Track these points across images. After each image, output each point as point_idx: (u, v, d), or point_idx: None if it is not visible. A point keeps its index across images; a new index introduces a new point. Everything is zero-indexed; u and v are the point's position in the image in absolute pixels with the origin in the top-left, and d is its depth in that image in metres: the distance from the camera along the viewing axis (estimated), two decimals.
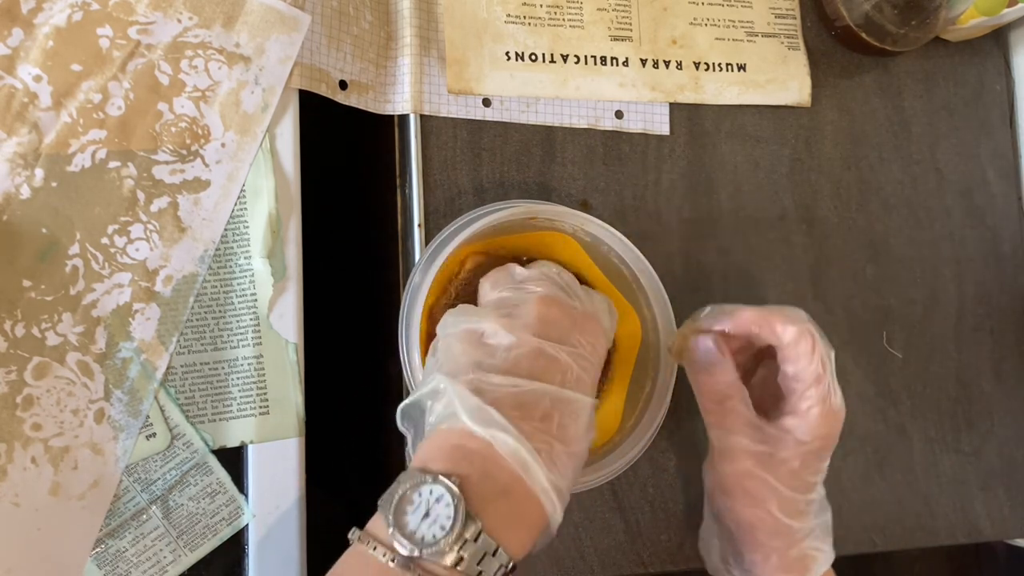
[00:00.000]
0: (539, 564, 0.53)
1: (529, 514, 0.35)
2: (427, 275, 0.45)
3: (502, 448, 0.35)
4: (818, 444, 0.43)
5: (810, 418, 0.43)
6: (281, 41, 0.48)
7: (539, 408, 0.37)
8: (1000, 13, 0.60)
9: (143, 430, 0.45)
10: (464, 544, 0.33)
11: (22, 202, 0.43)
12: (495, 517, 0.34)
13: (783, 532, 0.44)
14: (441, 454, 0.35)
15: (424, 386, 0.38)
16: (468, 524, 0.33)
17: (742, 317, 0.44)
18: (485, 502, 0.34)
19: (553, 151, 0.55)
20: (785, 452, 0.43)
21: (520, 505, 0.35)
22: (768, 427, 0.44)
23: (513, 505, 0.35)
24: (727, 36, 0.59)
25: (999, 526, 0.62)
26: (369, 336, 0.61)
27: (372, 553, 0.33)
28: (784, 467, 0.43)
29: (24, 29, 0.44)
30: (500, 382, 0.37)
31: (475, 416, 0.35)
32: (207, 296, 0.46)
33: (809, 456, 0.44)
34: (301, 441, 0.48)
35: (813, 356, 0.43)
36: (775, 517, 0.43)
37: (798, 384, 0.44)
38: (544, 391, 0.37)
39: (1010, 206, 0.66)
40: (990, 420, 0.63)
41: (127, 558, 0.44)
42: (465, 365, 0.38)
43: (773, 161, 0.60)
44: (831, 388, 0.43)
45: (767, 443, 0.43)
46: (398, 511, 0.34)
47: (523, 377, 0.37)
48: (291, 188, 0.48)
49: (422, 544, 0.33)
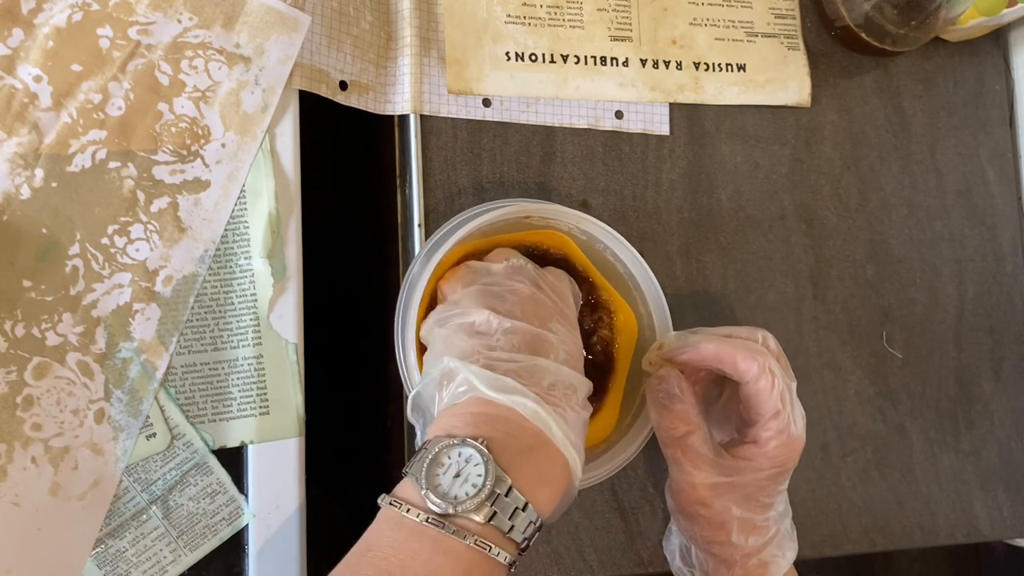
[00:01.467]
0: (539, 564, 0.53)
1: (553, 470, 0.37)
2: (426, 267, 0.45)
3: (523, 410, 0.37)
4: (776, 471, 0.45)
5: (768, 448, 0.45)
6: (281, 41, 0.48)
7: (545, 379, 0.39)
8: (1000, 13, 0.60)
9: (143, 430, 0.45)
10: (496, 499, 0.34)
11: (22, 202, 0.43)
12: (522, 474, 0.35)
13: (741, 548, 0.45)
14: (463, 421, 0.37)
15: (434, 370, 0.40)
16: (498, 481, 0.35)
17: (704, 351, 0.46)
18: (512, 460, 0.35)
19: (553, 151, 0.55)
20: (743, 478, 0.45)
21: (545, 462, 0.37)
22: (727, 460, 0.45)
23: (539, 462, 0.37)
24: (727, 36, 0.59)
25: (999, 526, 0.62)
26: (369, 336, 0.61)
27: (406, 515, 0.35)
28: (742, 492, 0.45)
29: (24, 29, 0.44)
30: (506, 358, 0.38)
31: (494, 385, 0.37)
32: (207, 296, 0.46)
33: (767, 481, 0.45)
34: (301, 441, 0.48)
35: (772, 392, 0.44)
36: (733, 540, 0.45)
37: (758, 416, 0.45)
38: (545, 365, 0.39)
39: (1010, 206, 0.66)
40: (990, 420, 0.63)
41: (127, 558, 0.44)
42: (470, 349, 0.39)
43: (773, 161, 0.60)
44: (790, 419, 0.45)
45: (725, 474, 0.45)
46: (429, 473, 0.35)
47: (525, 354, 0.39)
48: (291, 188, 0.48)
49: (455, 502, 0.34)
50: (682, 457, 0.45)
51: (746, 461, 0.45)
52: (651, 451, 0.55)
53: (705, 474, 0.45)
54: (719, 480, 0.45)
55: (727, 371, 0.46)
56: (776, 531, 0.47)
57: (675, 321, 0.50)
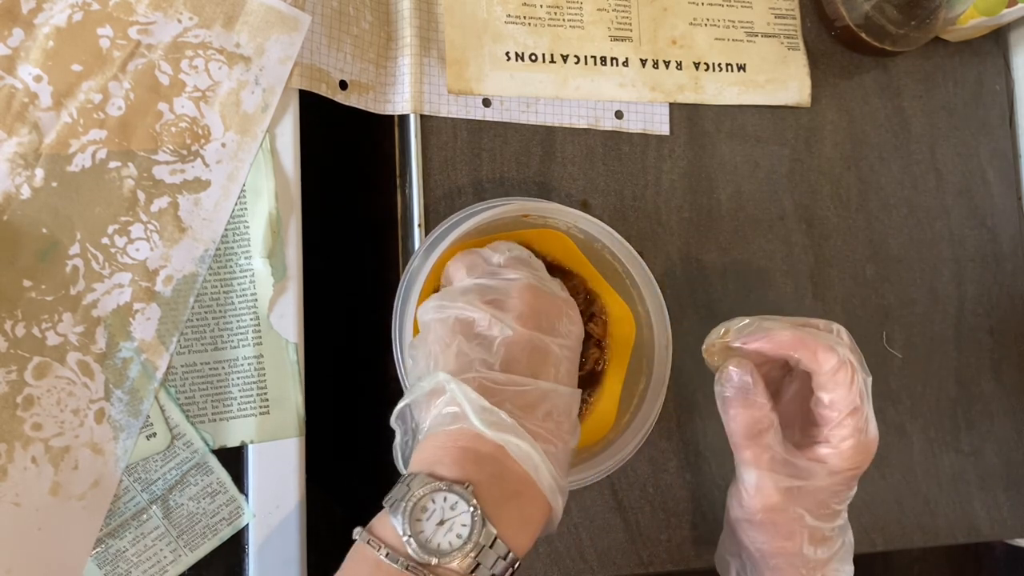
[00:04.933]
0: (539, 564, 0.53)
1: (537, 514, 0.36)
2: (424, 265, 0.45)
3: (515, 452, 0.35)
4: (850, 474, 0.42)
5: (843, 449, 0.41)
6: (281, 41, 0.48)
7: (541, 407, 0.37)
8: (1000, 13, 0.60)
9: (143, 430, 0.45)
10: (481, 551, 0.33)
11: (22, 202, 0.43)
12: (507, 521, 0.34)
13: (808, 562, 0.43)
14: (450, 457, 0.35)
15: (425, 382, 0.38)
16: (485, 533, 0.33)
17: (781, 339, 0.42)
18: (498, 507, 0.34)
19: (553, 151, 0.55)
20: (815, 483, 0.42)
21: (529, 506, 0.35)
22: (799, 460, 0.42)
23: (523, 507, 0.35)
24: (727, 36, 0.59)
25: (999, 526, 0.62)
26: (369, 336, 0.61)
27: (383, 559, 0.33)
28: (813, 498, 0.42)
29: (24, 29, 0.44)
30: (503, 380, 0.36)
31: (485, 419, 0.35)
32: (207, 296, 0.46)
33: (839, 485, 0.42)
34: (301, 441, 0.48)
35: (852, 387, 0.41)
36: (801, 549, 0.42)
37: (833, 413, 0.42)
38: (543, 389, 0.37)
39: (1010, 206, 0.66)
40: (990, 420, 0.63)
41: (127, 558, 0.44)
42: (465, 362, 0.37)
43: (773, 161, 0.60)
44: (867, 418, 0.42)
45: (798, 476, 0.42)
46: (413, 517, 0.34)
47: (522, 374, 0.37)
48: (291, 188, 0.48)
49: (439, 553, 0.33)
50: (757, 458, 0.42)
51: (820, 464, 0.42)
52: (651, 450, 0.55)
53: (779, 477, 0.42)
54: (792, 484, 0.42)
55: (804, 362, 0.42)
56: (841, 544, 0.44)
57: (674, 321, 0.50)
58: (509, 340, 0.38)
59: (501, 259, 0.43)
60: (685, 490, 0.56)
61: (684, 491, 0.56)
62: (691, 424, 0.56)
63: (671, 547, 0.55)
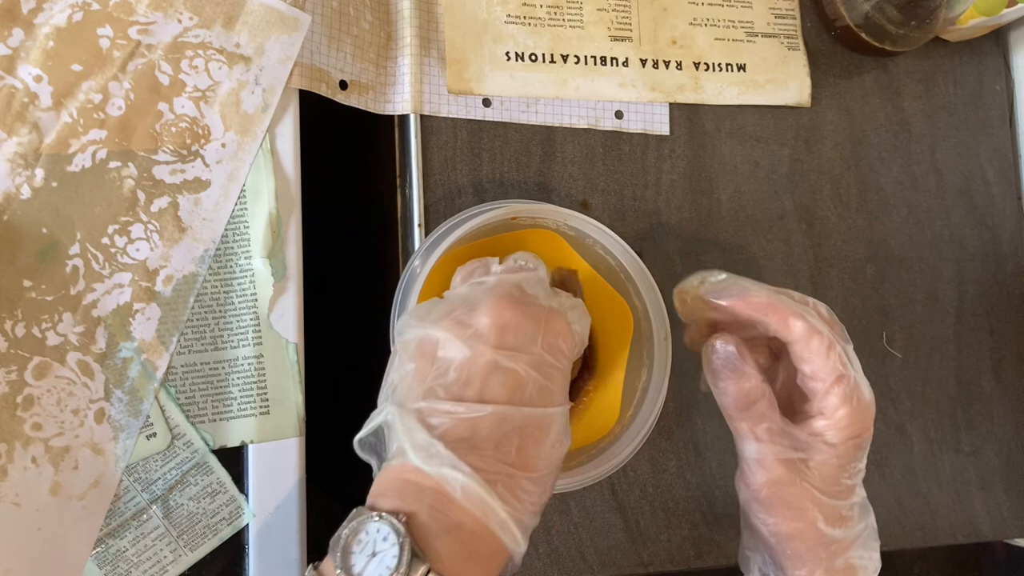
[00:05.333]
0: (539, 564, 0.53)
1: (485, 549, 0.34)
2: (424, 266, 0.45)
3: (451, 485, 0.33)
4: (851, 444, 0.41)
5: (838, 418, 0.40)
6: (281, 41, 0.48)
7: (494, 435, 0.35)
8: (1000, 13, 0.61)
9: (143, 430, 0.45)
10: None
11: (22, 202, 0.43)
12: (447, 555, 0.33)
13: (826, 543, 0.41)
14: (391, 489, 0.34)
15: (376, 416, 0.37)
16: (415, 563, 0.32)
17: (755, 301, 0.41)
18: (435, 539, 0.33)
19: (553, 151, 0.55)
20: (819, 456, 0.40)
21: (474, 541, 0.34)
22: (798, 431, 0.41)
23: (466, 541, 0.33)
24: (727, 36, 0.59)
25: (999, 526, 0.62)
26: (369, 336, 0.61)
27: None
28: (819, 472, 0.40)
29: (24, 29, 0.44)
30: (450, 409, 0.35)
31: (422, 453, 0.34)
32: (207, 296, 0.46)
33: (844, 458, 0.41)
34: (301, 441, 0.48)
35: (829, 354, 0.40)
36: (817, 528, 0.41)
37: (818, 384, 0.41)
38: (500, 415, 0.35)
39: (1010, 206, 0.66)
40: (990, 420, 0.63)
41: (127, 558, 0.44)
42: (416, 391, 0.36)
43: (773, 161, 0.60)
44: (857, 383, 0.40)
45: (799, 449, 0.40)
46: (345, 551, 0.33)
47: (475, 400, 0.35)
48: (291, 188, 0.48)
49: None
50: (753, 430, 0.41)
51: (818, 437, 0.40)
52: (651, 450, 0.55)
53: (778, 448, 0.40)
54: (793, 456, 0.40)
55: (775, 328, 0.41)
56: (864, 526, 0.42)
57: (674, 322, 0.50)
58: (466, 362, 0.36)
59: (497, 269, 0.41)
60: (685, 490, 0.56)
61: (684, 491, 0.56)
62: (691, 424, 0.56)
63: (671, 547, 0.55)
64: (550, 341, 0.37)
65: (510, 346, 0.36)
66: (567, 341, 0.38)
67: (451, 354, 0.36)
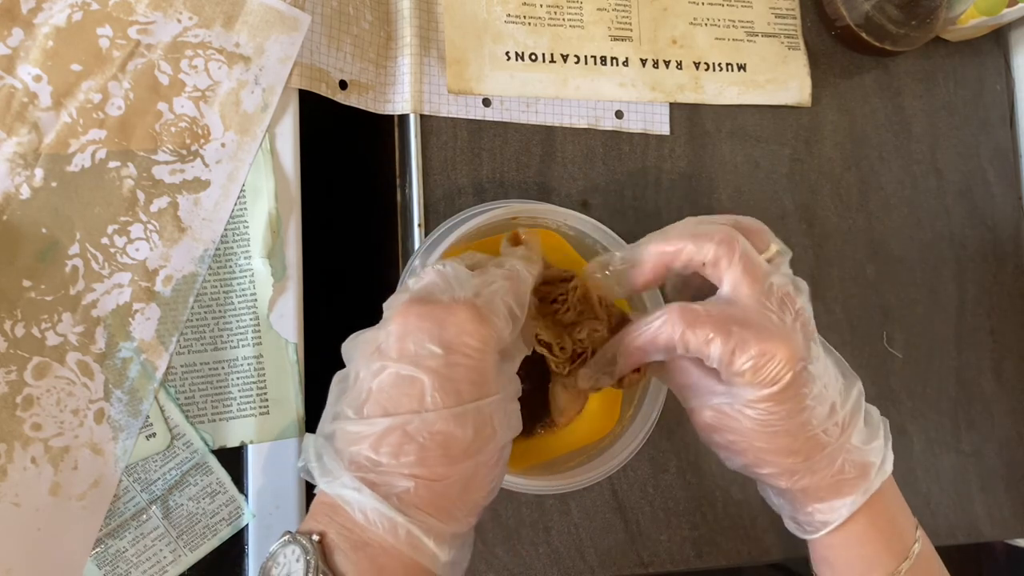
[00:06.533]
0: (539, 564, 0.53)
1: (397, 565, 0.34)
2: (428, 260, 0.45)
3: (351, 506, 0.33)
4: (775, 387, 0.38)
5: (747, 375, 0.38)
6: (281, 41, 0.48)
7: (396, 447, 0.34)
8: (1000, 13, 0.60)
9: (143, 430, 0.45)
10: None
11: (22, 202, 0.43)
12: (354, 573, 0.33)
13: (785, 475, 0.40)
14: (311, 513, 0.35)
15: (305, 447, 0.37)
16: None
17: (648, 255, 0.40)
18: (343, 557, 0.33)
19: (553, 151, 0.55)
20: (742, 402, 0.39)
21: (383, 558, 0.33)
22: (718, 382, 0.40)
23: (375, 558, 0.33)
24: (727, 36, 0.59)
25: (999, 526, 0.62)
26: None
27: None
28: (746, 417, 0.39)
29: (24, 29, 0.44)
30: (354, 429, 0.35)
31: (327, 476, 0.34)
32: (207, 296, 0.46)
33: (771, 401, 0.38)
34: (301, 441, 0.48)
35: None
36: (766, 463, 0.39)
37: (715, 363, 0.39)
38: (399, 425, 0.34)
39: (1010, 206, 0.66)
40: (990, 420, 0.63)
41: (127, 558, 0.44)
42: (328, 416, 0.37)
43: (773, 161, 0.60)
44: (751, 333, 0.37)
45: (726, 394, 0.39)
46: (264, 574, 0.34)
47: (380, 415, 0.34)
48: (291, 188, 0.48)
49: None
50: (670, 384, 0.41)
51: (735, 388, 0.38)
52: (651, 450, 0.55)
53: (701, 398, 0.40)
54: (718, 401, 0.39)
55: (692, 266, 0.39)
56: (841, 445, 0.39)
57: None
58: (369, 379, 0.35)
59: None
60: (685, 490, 0.56)
61: (684, 491, 0.56)
62: (692, 424, 0.56)
63: (671, 547, 0.55)
64: (451, 336, 0.35)
65: (411, 352, 0.35)
66: (475, 331, 0.35)
67: (364, 373, 0.36)
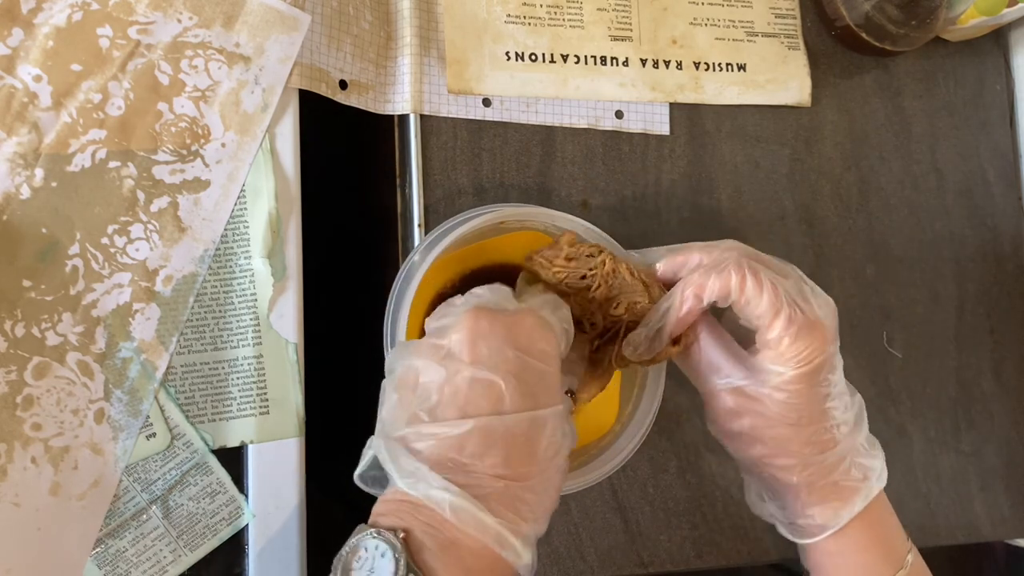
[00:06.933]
0: (539, 564, 0.53)
1: (483, 565, 0.34)
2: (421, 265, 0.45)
3: (440, 506, 0.34)
4: (805, 369, 0.40)
5: (783, 348, 0.39)
6: (281, 41, 0.48)
7: (480, 449, 0.34)
8: (1000, 13, 0.60)
9: (143, 430, 0.45)
10: None
11: (22, 202, 0.43)
12: (443, 571, 0.33)
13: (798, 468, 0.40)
14: (389, 509, 0.35)
15: (367, 451, 0.38)
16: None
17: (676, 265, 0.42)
18: (431, 556, 0.33)
19: (553, 151, 0.55)
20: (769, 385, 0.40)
21: (471, 558, 0.34)
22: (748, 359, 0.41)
23: (463, 558, 0.34)
24: (727, 36, 0.59)
25: (999, 526, 0.62)
26: (369, 336, 0.61)
27: None
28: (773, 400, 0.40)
29: (24, 29, 0.44)
30: (433, 431, 0.35)
31: (409, 479, 0.34)
32: (207, 296, 0.46)
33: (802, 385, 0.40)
34: (301, 441, 0.48)
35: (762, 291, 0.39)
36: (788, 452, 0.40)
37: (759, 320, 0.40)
38: (482, 427, 0.35)
39: (1010, 206, 0.66)
40: (990, 420, 0.63)
41: (127, 558, 0.44)
42: (400, 419, 0.36)
43: (773, 161, 0.60)
44: (796, 308, 0.39)
45: (751, 377, 0.40)
46: (345, 568, 0.33)
47: (457, 417, 0.35)
48: (291, 188, 0.48)
49: None
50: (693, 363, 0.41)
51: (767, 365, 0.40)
52: (651, 450, 0.55)
53: (724, 379, 0.40)
54: (744, 383, 0.40)
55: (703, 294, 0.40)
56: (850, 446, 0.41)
57: None
58: (444, 381, 0.36)
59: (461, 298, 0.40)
60: (685, 490, 0.56)
61: (684, 491, 0.56)
62: (691, 423, 0.56)
63: (671, 547, 0.55)
64: (524, 342, 0.36)
65: (484, 356, 0.36)
66: (544, 337, 0.37)
67: (430, 378, 0.36)
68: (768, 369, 0.40)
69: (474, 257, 0.49)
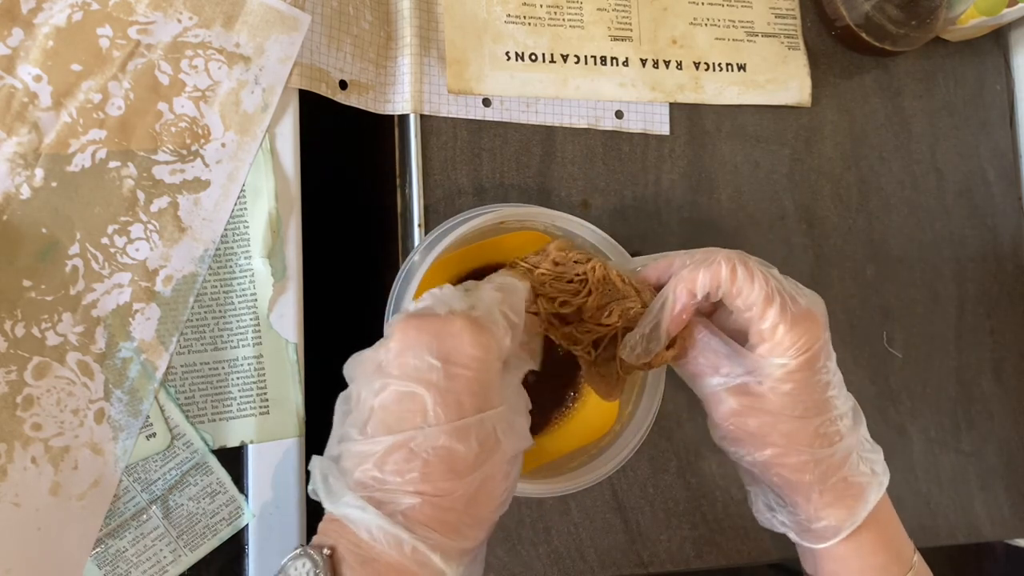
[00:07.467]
0: (539, 564, 0.53)
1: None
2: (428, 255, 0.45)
3: (356, 525, 0.34)
4: (804, 357, 0.39)
5: (778, 337, 0.39)
6: (281, 41, 0.48)
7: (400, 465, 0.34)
8: (1000, 13, 0.61)
9: (143, 430, 0.45)
10: None
11: (22, 202, 0.43)
12: None
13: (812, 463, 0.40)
14: (323, 529, 0.36)
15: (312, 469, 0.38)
16: None
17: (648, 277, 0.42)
18: (351, 571, 0.33)
19: (553, 151, 0.55)
20: (771, 379, 0.39)
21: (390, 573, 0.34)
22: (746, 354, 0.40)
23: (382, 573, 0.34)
24: (727, 36, 0.59)
25: (999, 526, 0.62)
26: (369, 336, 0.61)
27: None
28: (777, 395, 0.39)
29: (24, 29, 0.44)
30: (360, 449, 0.35)
31: (332, 497, 0.35)
32: (207, 296, 0.46)
33: (801, 373, 0.39)
34: (301, 441, 0.48)
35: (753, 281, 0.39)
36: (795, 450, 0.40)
37: (752, 312, 0.40)
38: (403, 443, 0.34)
39: (1010, 206, 0.66)
40: (990, 420, 0.63)
41: (127, 558, 0.44)
42: (334, 438, 0.37)
43: (773, 161, 0.60)
44: (788, 297, 0.40)
45: (751, 373, 0.40)
46: None
47: (384, 433, 0.35)
48: (291, 188, 0.48)
49: None
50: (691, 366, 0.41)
51: (765, 359, 0.39)
52: (651, 450, 0.55)
53: (724, 378, 0.40)
54: (744, 379, 0.40)
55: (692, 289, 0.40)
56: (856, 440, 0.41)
57: None
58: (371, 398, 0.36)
59: None
60: (685, 490, 0.56)
61: (684, 491, 0.56)
62: (691, 423, 0.56)
63: (671, 547, 0.55)
64: (448, 349, 0.35)
65: (411, 368, 0.35)
66: (473, 341, 0.36)
67: (365, 392, 0.36)
68: (767, 362, 0.40)
69: (474, 257, 0.49)
